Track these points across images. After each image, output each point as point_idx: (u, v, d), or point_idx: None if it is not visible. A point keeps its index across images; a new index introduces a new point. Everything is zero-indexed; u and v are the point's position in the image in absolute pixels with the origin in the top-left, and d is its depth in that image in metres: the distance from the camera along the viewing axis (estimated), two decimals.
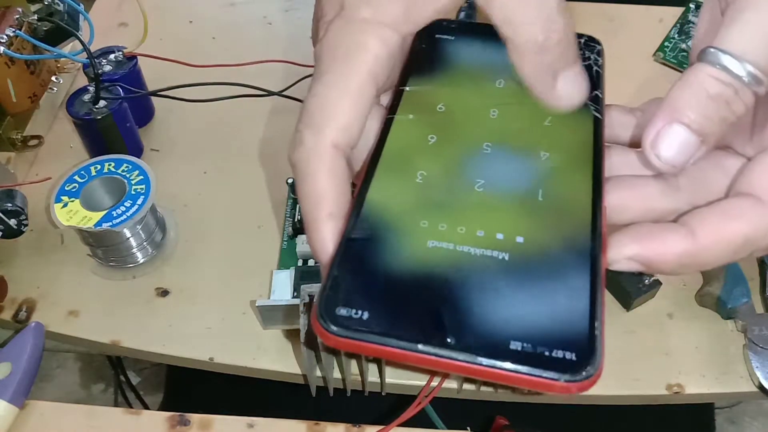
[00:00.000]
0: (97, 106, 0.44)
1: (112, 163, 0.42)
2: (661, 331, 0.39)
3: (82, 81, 0.47)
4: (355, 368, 0.37)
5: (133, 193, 0.40)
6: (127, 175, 0.41)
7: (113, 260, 0.42)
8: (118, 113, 0.45)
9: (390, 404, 0.41)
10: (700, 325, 0.40)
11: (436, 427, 0.37)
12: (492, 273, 0.21)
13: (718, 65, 0.22)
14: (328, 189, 0.23)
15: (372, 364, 0.37)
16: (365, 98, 0.23)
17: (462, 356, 0.19)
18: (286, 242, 0.43)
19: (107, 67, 0.47)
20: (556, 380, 0.19)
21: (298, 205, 0.36)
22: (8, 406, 0.35)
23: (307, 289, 0.34)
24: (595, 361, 0.19)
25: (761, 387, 0.37)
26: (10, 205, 0.40)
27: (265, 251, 0.43)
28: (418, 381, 0.38)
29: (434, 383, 0.37)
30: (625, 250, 0.22)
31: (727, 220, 0.23)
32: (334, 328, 0.19)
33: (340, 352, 0.34)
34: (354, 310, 0.20)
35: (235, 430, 0.36)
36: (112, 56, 0.47)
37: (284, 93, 0.48)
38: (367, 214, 0.22)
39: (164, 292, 0.41)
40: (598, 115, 0.26)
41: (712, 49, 0.22)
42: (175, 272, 0.42)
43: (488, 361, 0.19)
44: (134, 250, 0.42)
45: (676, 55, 0.52)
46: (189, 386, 0.58)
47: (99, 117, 0.44)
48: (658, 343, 0.39)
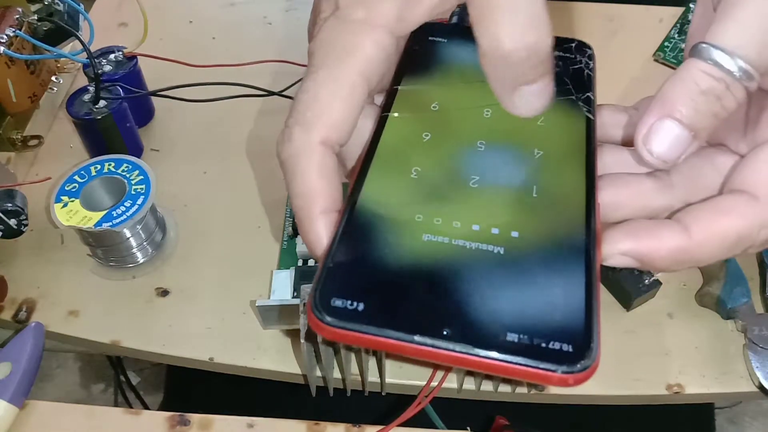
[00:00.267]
0: (97, 106, 0.44)
1: (112, 163, 0.42)
2: (661, 331, 0.39)
3: (82, 81, 0.47)
4: (355, 368, 0.37)
5: (133, 193, 0.40)
6: (127, 175, 0.41)
7: (113, 260, 0.42)
8: (118, 113, 0.45)
9: (390, 404, 0.41)
10: (700, 325, 0.40)
11: (436, 427, 0.37)
12: (488, 266, 0.21)
13: (710, 60, 0.22)
14: (319, 186, 0.23)
15: (372, 364, 0.37)
16: (356, 97, 0.23)
17: (459, 347, 0.19)
18: (286, 242, 0.43)
19: (107, 67, 0.47)
20: (554, 372, 0.19)
21: None
22: (8, 406, 0.35)
23: (307, 289, 0.34)
24: (592, 353, 0.19)
25: (761, 387, 0.37)
26: (10, 205, 0.40)
27: (265, 251, 0.43)
28: (418, 381, 0.38)
29: (434, 383, 0.37)
30: (619, 245, 0.23)
31: (721, 217, 0.23)
32: (329, 319, 0.19)
33: (339, 349, 0.35)
34: (349, 302, 0.20)
35: (235, 430, 0.36)
36: (112, 56, 0.47)
37: (284, 93, 0.48)
38: (362, 208, 0.22)
39: (164, 292, 0.41)
40: (590, 116, 0.26)
41: (704, 45, 0.22)
42: (175, 272, 0.42)
43: (485, 353, 0.19)
44: (134, 250, 0.42)
45: (676, 55, 0.52)
46: (189, 386, 0.58)
47: (99, 117, 0.44)
48: (658, 343, 0.39)
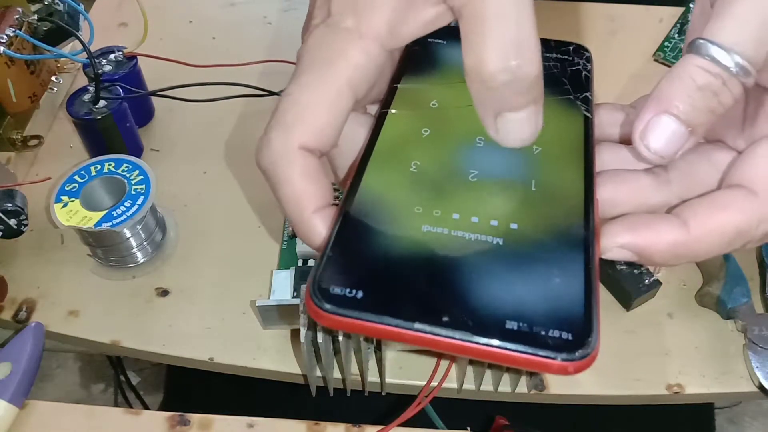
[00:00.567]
0: (97, 106, 0.44)
1: (112, 163, 0.42)
2: (661, 331, 0.39)
3: (82, 81, 0.47)
4: (355, 368, 0.37)
5: (133, 193, 0.40)
6: (127, 175, 0.41)
7: (113, 260, 0.42)
8: (118, 113, 0.45)
9: (390, 404, 0.41)
10: (700, 325, 0.40)
11: (436, 427, 0.38)
12: (487, 256, 0.21)
13: (707, 56, 0.22)
14: (306, 189, 0.22)
15: (372, 364, 0.37)
16: (340, 104, 0.23)
17: (458, 334, 0.19)
18: (286, 242, 0.43)
19: (107, 67, 0.47)
20: (553, 359, 0.19)
21: None
22: (8, 406, 0.35)
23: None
24: (592, 342, 0.19)
25: (761, 387, 0.37)
26: (10, 205, 0.40)
27: (265, 251, 0.43)
28: (418, 381, 0.38)
29: (434, 383, 0.37)
30: (617, 239, 0.23)
31: (720, 211, 0.23)
32: (328, 307, 0.20)
33: (339, 349, 0.35)
34: (348, 289, 0.20)
35: (235, 430, 0.36)
36: (112, 56, 0.47)
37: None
38: (361, 199, 0.23)
39: (164, 292, 0.41)
40: (588, 114, 0.26)
41: (701, 41, 0.22)
42: (175, 272, 0.42)
43: (484, 340, 0.19)
44: (134, 250, 0.42)
45: (676, 55, 0.52)
46: (189, 386, 0.58)
47: (99, 117, 0.44)
48: (658, 343, 0.39)
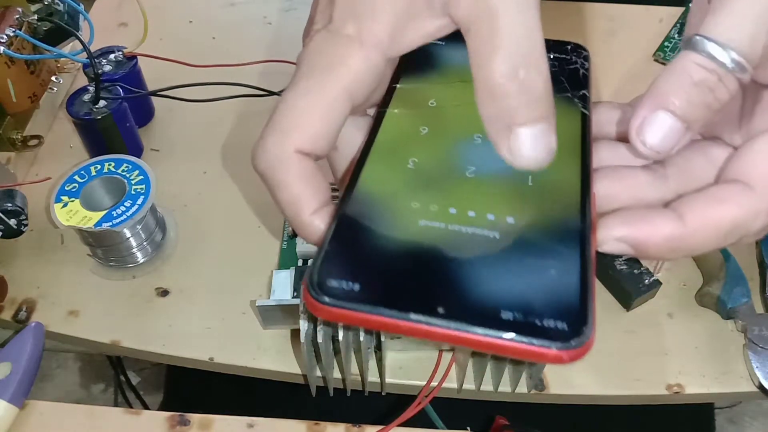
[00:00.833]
0: (97, 106, 0.44)
1: (112, 163, 0.42)
2: (661, 331, 0.39)
3: (82, 81, 0.47)
4: (355, 368, 0.37)
5: (133, 193, 0.40)
6: (127, 175, 0.41)
7: (113, 260, 0.42)
8: (118, 113, 0.45)
9: (390, 404, 0.41)
10: (700, 325, 0.40)
11: (436, 427, 0.38)
12: (483, 249, 0.21)
13: (704, 53, 0.22)
14: (303, 191, 0.23)
15: (372, 364, 0.37)
16: (337, 112, 0.23)
17: (453, 325, 0.19)
18: (286, 242, 0.43)
19: (107, 67, 0.47)
20: (549, 348, 0.19)
21: None
22: (8, 406, 0.35)
23: None
24: (587, 330, 0.19)
25: (761, 387, 0.37)
26: (10, 205, 0.40)
27: (265, 251, 0.43)
28: (418, 381, 0.38)
29: (434, 383, 0.37)
30: (614, 231, 0.23)
31: (716, 205, 0.23)
32: (326, 299, 0.20)
33: (339, 349, 0.35)
34: (345, 282, 0.20)
35: (235, 430, 0.36)
36: (112, 56, 0.47)
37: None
38: (359, 194, 0.23)
39: (164, 292, 0.41)
40: (586, 112, 0.27)
41: (698, 37, 0.22)
42: (175, 272, 0.42)
43: (481, 330, 0.19)
44: (134, 250, 0.42)
45: (676, 55, 0.52)
46: (189, 386, 0.58)
47: (99, 117, 0.44)
48: (658, 343, 0.39)
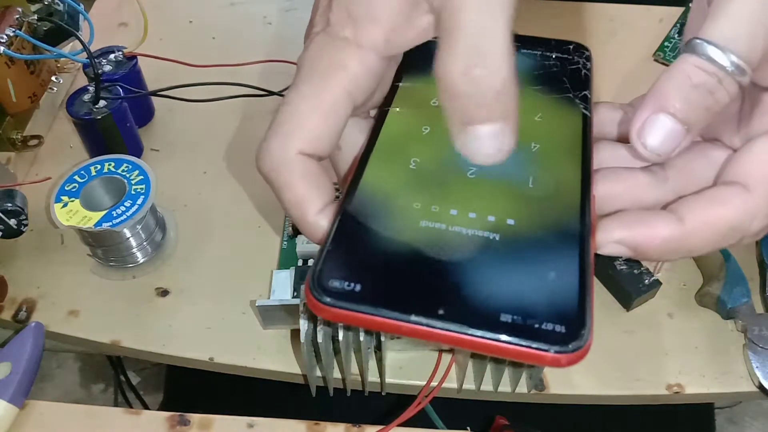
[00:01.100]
0: (97, 106, 0.44)
1: (112, 163, 0.42)
2: (661, 331, 0.39)
3: (82, 81, 0.47)
4: (355, 368, 0.37)
5: (133, 193, 0.40)
6: (127, 175, 0.41)
7: (113, 260, 0.42)
8: (118, 113, 0.45)
9: (390, 404, 0.41)
10: (700, 325, 0.40)
11: (436, 427, 0.38)
12: (483, 251, 0.21)
13: (703, 56, 0.22)
14: (308, 192, 0.23)
15: (372, 364, 0.37)
16: (339, 114, 0.23)
17: (453, 327, 0.19)
18: (286, 242, 0.43)
19: (107, 67, 0.47)
20: (546, 351, 0.19)
21: None
22: (8, 406, 0.35)
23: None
24: (585, 334, 0.19)
25: (761, 387, 0.37)
26: (10, 205, 0.40)
27: (265, 251, 0.43)
28: (418, 381, 0.38)
29: (434, 383, 0.37)
30: (613, 234, 0.23)
31: (714, 207, 0.23)
32: (327, 299, 0.20)
33: (339, 349, 0.35)
34: (346, 282, 0.20)
35: (235, 430, 0.36)
36: (112, 56, 0.47)
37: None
38: (361, 194, 0.23)
39: (164, 292, 0.41)
40: (587, 113, 0.27)
41: (698, 40, 0.22)
42: (175, 272, 0.42)
43: (479, 332, 0.19)
44: (134, 250, 0.42)
45: (676, 55, 0.52)
46: (189, 386, 0.58)
47: (99, 117, 0.44)
48: (658, 343, 0.39)
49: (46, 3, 0.47)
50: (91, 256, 0.42)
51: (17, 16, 0.45)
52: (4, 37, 0.44)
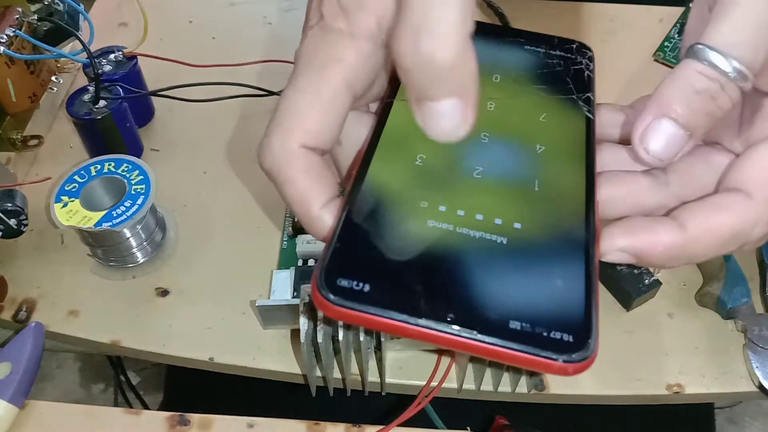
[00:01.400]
0: (97, 106, 0.44)
1: (112, 163, 0.42)
2: (661, 331, 0.39)
3: (82, 81, 0.47)
4: (355, 368, 0.37)
5: (133, 193, 0.40)
6: (127, 175, 0.41)
7: (113, 260, 0.42)
8: (118, 113, 0.45)
9: (390, 404, 0.41)
10: (700, 325, 0.40)
11: (436, 427, 0.38)
12: (491, 255, 0.21)
13: (705, 61, 0.22)
14: (311, 187, 0.23)
15: (372, 364, 0.37)
16: (338, 106, 0.23)
17: (464, 332, 0.19)
18: (286, 242, 0.43)
19: (107, 67, 0.47)
20: (555, 360, 0.19)
21: None
22: (8, 406, 0.35)
23: (306, 289, 0.34)
24: (592, 344, 0.20)
25: (761, 387, 0.37)
26: (10, 205, 0.40)
27: (265, 251, 0.43)
28: (418, 381, 0.38)
29: (434, 383, 0.37)
30: (616, 242, 0.23)
31: (716, 214, 0.23)
32: (334, 298, 0.20)
33: (339, 349, 0.35)
34: (355, 282, 0.20)
35: (235, 430, 0.36)
36: (112, 56, 0.47)
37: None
38: (367, 190, 0.23)
39: (164, 292, 0.41)
40: (590, 115, 0.27)
41: (700, 46, 0.22)
42: (175, 272, 0.42)
43: (488, 339, 0.19)
44: (134, 250, 0.42)
45: (676, 55, 0.52)
46: (189, 386, 0.58)
47: (99, 117, 0.44)
48: (658, 343, 0.39)
49: (46, 3, 0.47)
50: (91, 256, 0.42)
51: (17, 16, 0.45)
52: (4, 37, 0.44)
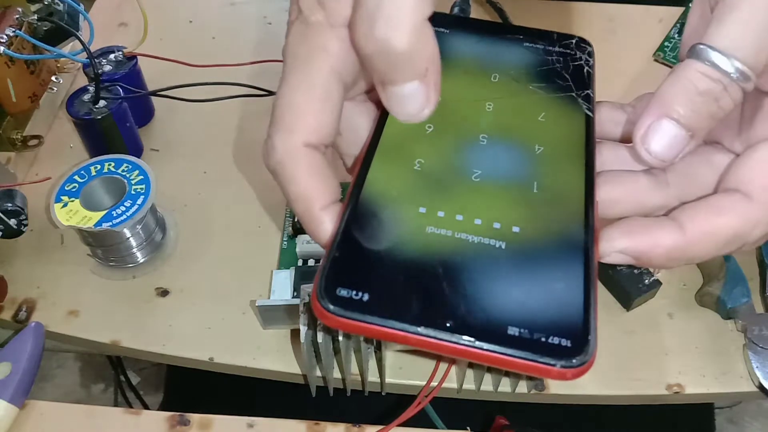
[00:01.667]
0: (97, 106, 0.44)
1: (112, 163, 0.42)
2: (661, 331, 0.39)
3: (82, 81, 0.47)
4: (355, 368, 0.37)
5: (133, 193, 0.40)
6: (127, 175, 0.41)
7: (113, 260, 0.42)
8: (118, 113, 0.45)
9: (390, 404, 0.41)
10: (700, 325, 0.40)
11: (436, 427, 0.37)
12: (490, 260, 0.21)
13: (707, 62, 0.22)
14: (313, 186, 0.23)
15: (372, 364, 0.37)
16: (332, 96, 0.24)
17: (462, 340, 0.19)
18: (286, 242, 0.43)
19: (107, 67, 0.47)
20: (553, 366, 0.19)
21: None
22: (8, 406, 0.35)
23: (306, 289, 0.34)
24: (590, 349, 0.19)
25: (761, 387, 0.37)
26: (10, 205, 0.40)
27: (265, 251, 0.43)
28: (418, 381, 0.38)
29: (434, 383, 0.37)
30: (615, 244, 0.23)
31: (715, 216, 0.23)
32: (334, 308, 0.20)
33: (339, 349, 0.35)
34: (354, 291, 0.20)
35: (235, 430, 0.36)
36: (112, 56, 0.47)
37: None
38: (366, 198, 0.23)
39: (164, 292, 0.41)
40: (590, 113, 0.26)
41: (702, 46, 0.22)
42: (175, 272, 0.42)
43: (487, 345, 0.19)
44: (134, 250, 0.42)
45: (676, 55, 0.52)
46: (189, 386, 0.58)
47: (99, 117, 0.44)
48: (658, 343, 0.39)
49: (46, 3, 0.47)
50: (91, 256, 0.42)
51: (17, 16, 0.45)
52: (4, 37, 0.44)
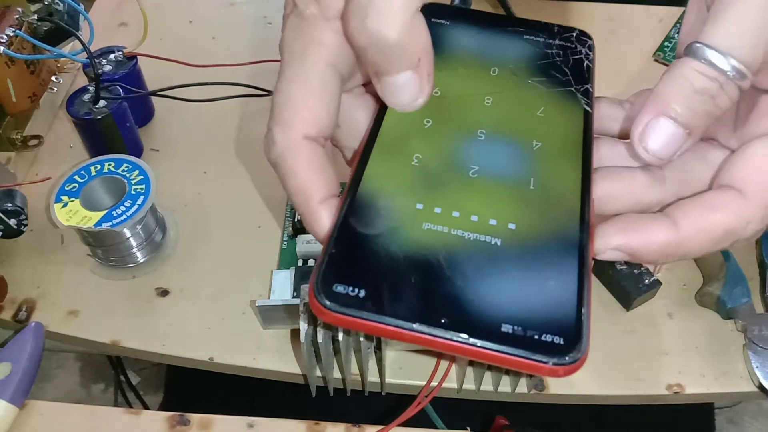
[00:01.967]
0: (97, 106, 0.44)
1: (112, 163, 0.42)
2: (661, 331, 0.39)
3: (82, 81, 0.47)
4: (355, 368, 0.37)
5: (133, 193, 0.40)
6: (127, 175, 0.41)
7: (113, 260, 0.42)
8: (118, 113, 0.45)
9: (390, 404, 0.41)
10: (700, 325, 0.40)
11: (436, 427, 0.37)
12: (485, 257, 0.21)
13: (704, 60, 0.22)
14: (312, 179, 0.23)
15: (372, 364, 0.37)
16: (330, 89, 0.24)
17: (456, 336, 0.20)
18: (286, 242, 0.43)
19: (107, 67, 0.47)
20: (545, 363, 0.19)
21: None
22: (8, 406, 0.35)
23: (306, 288, 0.34)
24: (582, 346, 0.20)
25: (761, 387, 0.37)
26: (10, 205, 0.40)
27: (265, 251, 0.43)
28: (418, 381, 0.38)
29: (434, 383, 0.37)
30: (610, 241, 0.23)
31: (709, 212, 0.23)
32: (330, 304, 0.20)
33: (339, 349, 0.35)
34: (350, 288, 0.20)
35: (235, 430, 0.36)
36: (112, 56, 0.47)
37: None
38: (363, 194, 0.23)
39: (164, 292, 0.41)
40: (588, 109, 0.26)
41: (698, 44, 0.22)
42: (175, 272, 0.42)
43: (481, 342, 0.19)
44: (134, 250, 0.42)
45: (675, 56, 0.52)
46: (189, 386, 0.58)
47: (99, 117, 0.44)
48: (658, 343, 0.39)
49: (46, 3, 0.47)
50: (91, 256, 0.42)
51: (17, 16, 0.45)
52: (4, 37, 0.44)
